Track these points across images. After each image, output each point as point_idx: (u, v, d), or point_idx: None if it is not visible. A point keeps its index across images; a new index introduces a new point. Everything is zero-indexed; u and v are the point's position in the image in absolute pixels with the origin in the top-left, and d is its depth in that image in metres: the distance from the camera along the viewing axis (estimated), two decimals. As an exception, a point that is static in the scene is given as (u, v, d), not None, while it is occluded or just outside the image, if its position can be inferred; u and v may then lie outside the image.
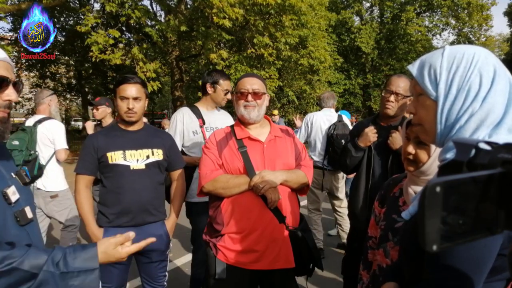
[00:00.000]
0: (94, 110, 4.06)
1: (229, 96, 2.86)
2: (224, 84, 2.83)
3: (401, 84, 2.30)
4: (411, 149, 1.33)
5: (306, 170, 1.96)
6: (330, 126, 4.09)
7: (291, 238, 1.85)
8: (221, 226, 1.85)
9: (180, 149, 2.76)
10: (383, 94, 2.38)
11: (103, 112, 4.03)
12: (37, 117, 3.50)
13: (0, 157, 1.29)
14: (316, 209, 4.42)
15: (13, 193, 1.22)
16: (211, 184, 1.84)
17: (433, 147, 1.28)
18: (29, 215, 1.26)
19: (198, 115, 2.81)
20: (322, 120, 4.30)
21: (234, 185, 1.81)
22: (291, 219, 1.87)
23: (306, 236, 1.88)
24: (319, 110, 4.58)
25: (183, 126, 2.78)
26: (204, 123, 2.78)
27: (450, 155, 0.83)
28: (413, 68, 0.93)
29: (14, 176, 1.29)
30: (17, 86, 1.22)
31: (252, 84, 1.92)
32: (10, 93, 1.18)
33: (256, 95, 1.90)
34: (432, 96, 0.88)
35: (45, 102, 3.58)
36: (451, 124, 0.85)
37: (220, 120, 2.89)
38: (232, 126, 2.00)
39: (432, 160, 1.29)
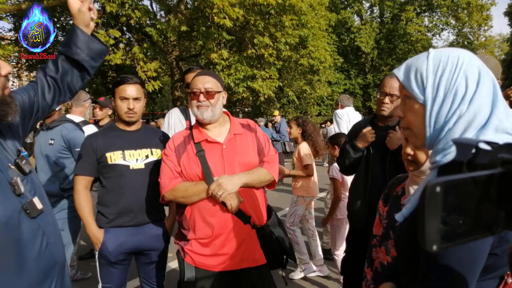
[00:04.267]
0: (97, 110, 4.04)
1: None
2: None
3: (394, 85, 2.29)
4: (409, 150, 1.35)
5: (269, 166, 1.89)
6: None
7: (259, 235, 1.83)
8: (187, 231, 1.83)
9: None
10: (378, 96, 2.38)
11: (105, 113, 4.04)
12: (75, 118, 3.41)
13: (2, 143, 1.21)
14: None
15: (20, 183, 1.15)
16: (170, 193, 1.79)
17: None
18: (39, 205, 1.19)
19: (187, 115, 2.74)
20: (355, 117, 4.37)
21: (193, 193, 1.76)
22: (256, 217, 1.84)
23: (273, 230, 1.87)
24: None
25: (168, 127, 2.74)
26: (190, 124, 2.66)
27: (439, 158, 0.84)
28: (399, 72, 0.93)
29: (12, 167, 1.21)
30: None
31: (204, 83, 1.84)
32: (3, 65, 1.17)
33: (209, 94, 1.82)
34: (419, 100, 0.88)
35: (84, 105, 3.56)
36: (440, 127, 0.86)
37: None
38: (191, 128, 1.93)
39: None
